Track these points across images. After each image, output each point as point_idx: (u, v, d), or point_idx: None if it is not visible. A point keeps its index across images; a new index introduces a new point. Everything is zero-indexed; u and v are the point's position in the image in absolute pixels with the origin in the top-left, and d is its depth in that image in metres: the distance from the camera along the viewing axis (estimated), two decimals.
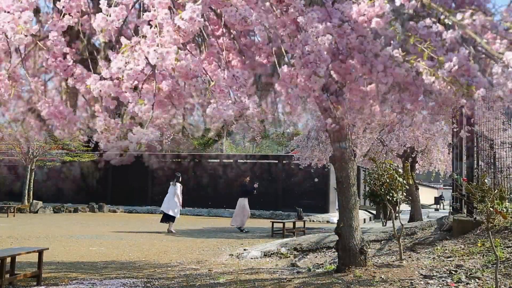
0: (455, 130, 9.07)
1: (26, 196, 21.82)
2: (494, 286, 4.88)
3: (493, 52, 2.36)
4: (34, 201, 21.34)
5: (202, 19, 2.19)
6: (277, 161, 23.02)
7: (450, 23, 2.45)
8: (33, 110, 2.79)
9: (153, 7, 2.27)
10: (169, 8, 2.27)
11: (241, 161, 23.96)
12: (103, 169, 24.54)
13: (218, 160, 24.21)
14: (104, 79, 2.28)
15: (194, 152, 26.39)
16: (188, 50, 2.48)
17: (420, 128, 12.93)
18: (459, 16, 2.41)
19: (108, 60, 2.38)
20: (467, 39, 2.50)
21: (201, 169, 23.64)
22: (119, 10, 2.30)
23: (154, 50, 2.16)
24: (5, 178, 24.57)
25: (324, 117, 2.73)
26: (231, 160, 23.98)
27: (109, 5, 2.32)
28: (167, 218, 13.82)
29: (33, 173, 22.18)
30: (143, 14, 2.31)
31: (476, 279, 5.51)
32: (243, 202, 14.56)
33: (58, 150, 22.47)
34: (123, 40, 2.32)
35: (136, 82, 2.20)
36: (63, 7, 2.42)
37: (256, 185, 15.05)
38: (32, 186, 22.05)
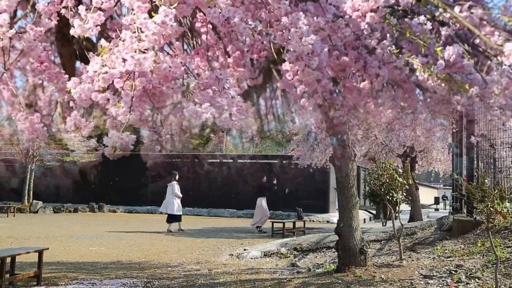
0: (455, 130, 9.07)
1: (26, 196, 21.82)
2: (494, 286, 4.88)
3: (492, 45, 2.36)
4: (34, 201, 21.34)
5: (175, 24, 2.17)
6: (277, 161, 23.03)
7: (445, 19, 2.45)
8: (31, 106, 2.79)
9: (132, 10, 2.24)
10: (149, 13, 2.25)
11: (241, 161, 23.97)
12: (103, 169, 24.55)
13: (218, 160, 24.22)
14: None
15: (194, 152, 26.40)
16: (173, 50, 2.45)
17: (420, 127, 12.94)
18: (457, 9, 2.41)
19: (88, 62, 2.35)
20: (462, 37, 2.51)
21: (201, 169, 23.65)
22: (97, 16, 2.28)
23: (132, 56, 2.15)
24: (5, 178, 24.57)
25: (321, 112, 2.72)
26: (231, 160, 23.99)
27: (88, 9, 2.29)
28: (173, 218, 13.89)
29: (33, 173, 22.18)
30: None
31: (476, 279, 5.51)
32: (260, 202, 14.54)
33: (58, 150, 22.48)
34: (103, 42, 2.31)
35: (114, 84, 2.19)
36: (42, 9, 2.41)
37: (275, 181, 15.20)
38: (32, 186, 22.05)
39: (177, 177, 14.52)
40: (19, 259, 6.83)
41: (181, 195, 14.26)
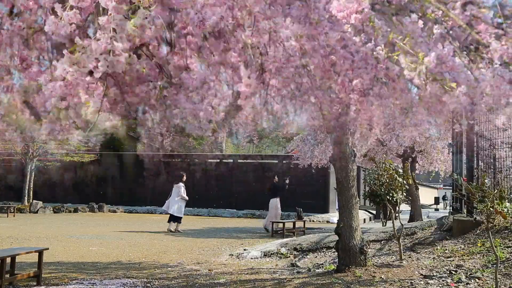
0: (457, 130, 9.06)
1: (26, 196, 21.81)
2: (494, 286, 4.88)
3: (483, 42, 2.35)
4: (34, 201, 21.33)
5: (154, 26, 2.14)
6: (277, 161, 23.02)
7: (438, 17, 2.44)
8: (27, 104, 2.78)
9: (106, 10, 2.22)
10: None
11: (241, 161, 23.97)
12: (103, 169, 24.56)
13: (218, 160, 24.22)
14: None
15: (194, 152, 26.40)
16: (150, 51, 2.42)
17: (416, 127, 12.91)
18: (450, 6, 2.41)
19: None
20: (455, 35, 2.50)
21: (201, 169, 23.65)
22: (72, 14, 2.25)
23: (104, 58, 2.12)
24: (5, 178, 24.56)
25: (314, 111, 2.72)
26: (231, 160, 23.99)
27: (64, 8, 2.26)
28: (173, 219, 13.92)
29: (33, 172, 22.17)
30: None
31: (476, 279, 5.51)
32: (275, 202, 14.51)
33: (58, 150, 22.47)
34: (77, 40, 2.28)
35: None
36: (21, 4, 2.39)
37: (287, 181, 15.20)
38: (32, 186, 22.03)
39: (184, 178, 14.52)
40: (19, 259, 6.83)
41: (187, 198, 14.29)
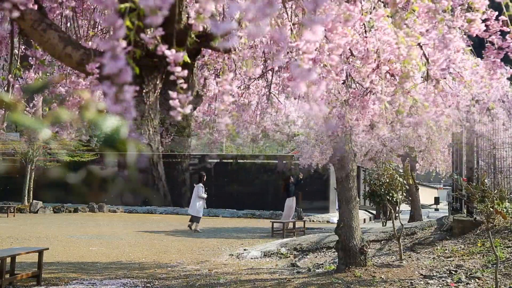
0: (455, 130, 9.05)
1: (26, 196, 21.80)
2: (494, 286, 4.88)
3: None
4: (34, 201, 21.32)
5: None
6: (277, 161, 23.01)
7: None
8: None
9: None
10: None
11: (241, 161, 23.96)
12: (103, 169, 24.53)
13: (218, 160, 24.21)
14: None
15: (195, 152, 26.39)
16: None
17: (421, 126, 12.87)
18: None
19: None
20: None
21: (201, 169, 23.64)
22: None
23: None
24: (5, 178, 24.55)
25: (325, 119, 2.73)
26: (231, 160, 23.98)
27: None
28: (194, 218, 14.10)
29: (33, 173, 22.16)
30: None
31: (476, 279, 5.51)
32: (290, 202, 14.62)
33: (58, 150, 22.46)
34: None
35: None
36: None
37: (301, 176, 15.24)
38: (32, 186, 22.02)
39: (204, 178, 14.82)
40: (19, 259, 6.83)
41: (205, 196, 14.50)
